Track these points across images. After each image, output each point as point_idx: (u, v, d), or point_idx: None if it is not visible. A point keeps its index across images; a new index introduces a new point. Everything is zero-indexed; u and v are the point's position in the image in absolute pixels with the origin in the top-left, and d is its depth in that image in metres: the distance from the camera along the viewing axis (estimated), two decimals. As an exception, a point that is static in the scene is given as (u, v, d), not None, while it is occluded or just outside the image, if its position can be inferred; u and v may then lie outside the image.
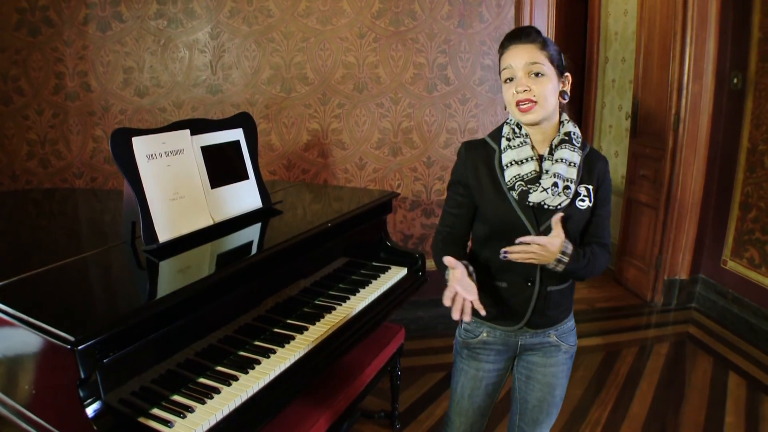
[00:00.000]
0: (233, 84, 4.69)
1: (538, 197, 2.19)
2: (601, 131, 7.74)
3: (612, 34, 7.35)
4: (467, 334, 2.54)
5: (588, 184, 2.27)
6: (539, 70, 2.15)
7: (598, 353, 4.87)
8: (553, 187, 2.18)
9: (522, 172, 2.22)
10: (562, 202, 2.21)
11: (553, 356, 2.47)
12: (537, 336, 2.44)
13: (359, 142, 4.92)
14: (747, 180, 5.17)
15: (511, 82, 2.18)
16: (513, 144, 2.27)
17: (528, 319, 2.38)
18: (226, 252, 2.79)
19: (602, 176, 2.31)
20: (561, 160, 2.21)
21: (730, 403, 4.13)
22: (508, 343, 2.47)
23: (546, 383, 2.49)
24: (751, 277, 5.13)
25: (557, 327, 2.44)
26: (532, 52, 2.15)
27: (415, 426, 3.90)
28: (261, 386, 2.27)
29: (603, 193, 2.32)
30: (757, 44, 4.97)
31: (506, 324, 2.42)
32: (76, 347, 1.76)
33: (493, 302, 2.39)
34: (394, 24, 4.73)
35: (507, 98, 2.21)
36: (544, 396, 2.51)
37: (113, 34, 4.52)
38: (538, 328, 2.42)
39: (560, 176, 2.19)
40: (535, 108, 2.16)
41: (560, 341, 2.45)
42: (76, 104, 4.60)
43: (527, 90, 2.14)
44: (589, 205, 2.26)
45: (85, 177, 4.74)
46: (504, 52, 2.21)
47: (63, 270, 2.43)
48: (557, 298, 2.38)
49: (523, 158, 2.24)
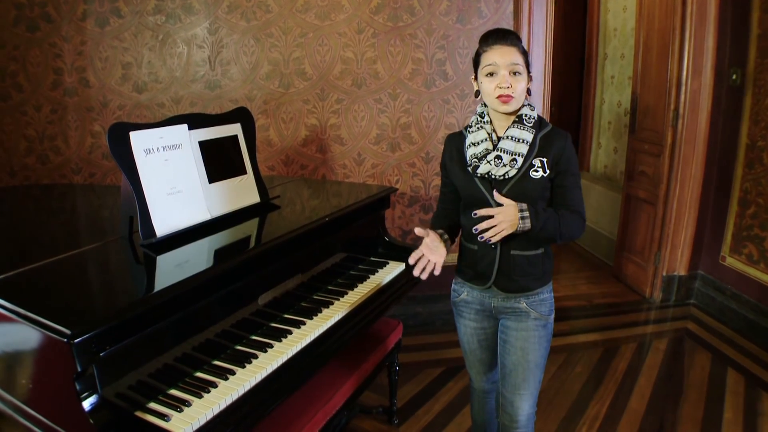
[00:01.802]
0: (231, 79, 4.68)
1: (483, 169, 2.53)
2: (600, 127, 7.75)
3: (611, 30, 7.35)
4: (454, 294, 2.88)
5: (543, 157, 2.54)
6: (518, 70, 2.47)
7: (597, 349, 4.87)
8: (496, 159, 2.50)
9: (476, 151, 2.57)
10: (508, 173, 2.51)
11: (523, 321, 2.68)
12: (508, 300, 2.68)
13: (357, 137, 4.92)
14: (746, 176, 5.17)
15: (493, 77, 2.48)
16: (472, 130, 2.64)
17: (494, 280, 2.65)
18: (223, 247, 2.79)
19: (560, 150, 2.55)
20: (508, 137, 2.53)
21: (728, 398, 4.13)
22: (484, 303, 2.75)
23: (519, 347, 2.69)
24: (750, 273, 5.13)
25: (528, 295, 2.67)
26: (514, 54, 2.46)
27: (414, 421, 3.90)
28: (258, 381, 2.27)
29: (564, 165, 2.56)
30: (756, 40, 4.97)
31: (479, 284, 2.71)
32: (72, 340, 1.75)
33: (468, 263, 2.74)
34: (392, 19, 4.73)
35: (488, 90, 2.51)
36: (518, 360, 2.69)
37: (111, 29, 4.51)
38: (507, 291, 2.67)
39: (506, 151, 2.51)
40: (512, 101, 2.47)
41: (530, 308, 2.67)
42: (75, 100, 4.60)
43: (509, 87, 2.45)
44: (543, 175, 2.52)
45: (84, 173, 4.74)
46: (488, 49, 2.50)
47: (60, 264, 2.43)
48: (522, 263, 2.62)
49: (478, 140, 2.58)
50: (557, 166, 2.55)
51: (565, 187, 2.58)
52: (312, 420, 2.67)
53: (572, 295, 6.08)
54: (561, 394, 4.18)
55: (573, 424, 3.85)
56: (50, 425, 1.89)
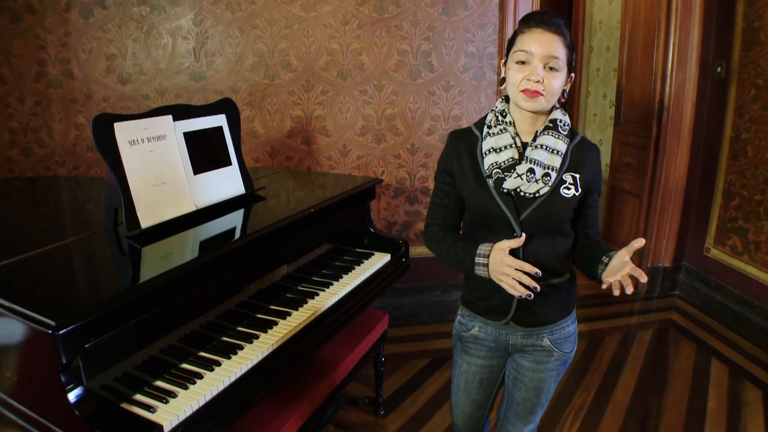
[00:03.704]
0: (217, 71, 4.67)
1: (512, 184, 2.14)
2: (585, 120, 7.77)
3: (597, 23, 7.36)
4: (461, 327, 2.51)
5: (575, 173, 2.20)
6: (556, 65, 2.08)
7: (582, 340, 4.88)
8: (529, 173, 2.12)
9: (499, 159, 2.17)
10: (540, 190, 2.15)
11: (543, 362, 2.39)
12: (528, 338, 2.37)
13: (343, 129, 4.91)
14: (730, 168, 5.20)
15: (523, 65, 2.10)
16: (493, 132, 2.23)
17: (513, 314, 2.31)
18: (208, 238, 2.78)
19: (593, 166, 2.25)
20: (542, 147, 2.16)
21: (712, 388, 4.16)
22: (499, 341, 2.41)
23: (533, 387, 2.44)
24: (734, 264, 5.16)
25: (552, 329, 2.35)
26: (555, 44, 2.08)
27: (399, 412, 3.90)
28: (244, 371, 2.27)
29: (595, 184, 2.28)
30: (740, 33, 4.99)
31: (494, 318, 2.36)
32: (57, 332, 1.75)
33: (480, 295, 2.36)
34: (378, 11, 4.72)
35: (513, 80, 2.12)
36: (529, 396, 2.46)
37: (96, 20, 4.48)
38: (528, 326, 2.34)
39: (539, 163, 2.14)
40: (540, 99, 2.09)
41: (554, 347, 2.37)
42: (59, 92, 4.57)
43: (540, 82, 2.07)
44: (575, 194, 2.19)
45: (68, 165, 4.71)
46: (526, 32, 2.12)
47: (45, 256, 2.41)
48: (546, 293, 2.24)
49: (501, 146, 2.19)
50: (587, 183, 2.24)
51: (592, 208, 2.31)
52: (298, 411, 2.67)
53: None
54: (546, 385, 4.20)
55: (558, 415, 3.86)
56: (36, 418, 1.88)
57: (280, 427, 2.55)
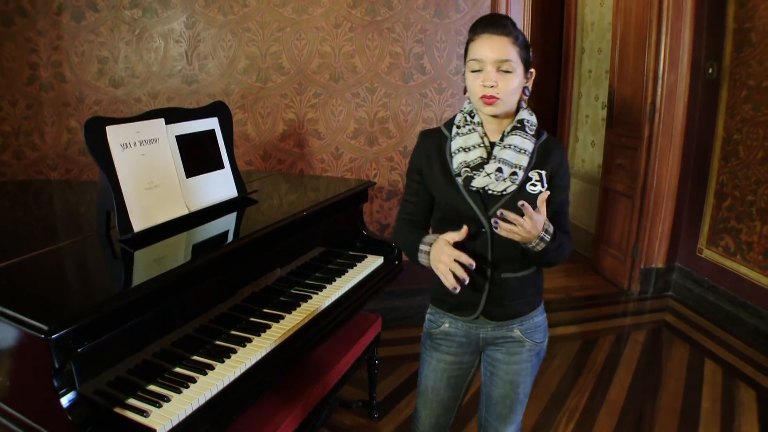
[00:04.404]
0: (209, 74, 4.66)
1: (480, 182, 2.20)
2: (577, 121, 7.77)
3: (588, 24, 7.37)
4: (430, 324, 2.54)
5: (541, 170, 2.25)
6: (508, 68, 2.13)
7: (576, 341, 4.90)
8: (497, 172, 2.18)
9: (468, 158, 2.23)
10: (508, 188, 2.20)
11: (516, 353, 2.43)
12: (499, 329, 2.41)
13: (335, 131, 4.91)
14: (722, 169, 5.21)
15: (478, 72, 2.16)
16: (462, 132, 2.30)
17: (483, 308, 2.35)
18: (201, 241, 2.77)
19: (558, 163, 2.30)
20: (510, 147, 2.22)
21: (706, 389, 4.17)
22: (470, 335, 2.44)
23: (509, 380, 2.46)
24: (727, 265, 5.17)
25: (522, 321, 2.41)
26: (504, 47, 2.13)
27: (393, 415, 3.90)
28: (237, 375, 2.26)
29: (560, 180, 2.31)
30: (731, 34, 5.01)
31: (464, 313, 2.40)
32: (49, 336, 1.74)
33: (450, 291, 2.23)
34: (370, 13, 4.73)
35: (472, 88, 2.19)
36: (507, 392, 2.48)
37: (87, 24, 4.48)
38: (497, 319, 2.38)
39: (507, 162, 2.20)
40: (498, 103, 2.15)
41: (525, 337, 2.42)
42: (51, 95, 4.56)
43: (494, 86, 2.13)
44: (541, 190, 2.21)
45: (60, 169, 4.70)
46: (476, 39, 2.17)
47: (37, 260, 2.41)
48: (514, 286, 2.34)
49: (470, 145, 2.25)
50: (553, 181, 2.28)
51: (559, 204, 2.32)
52: (291, 415, 2.66)
53: (551, 288, 6.09)
54: (540, 386, 4.20)
55: (553, 416, 3.87)
56: (29, 423, 1.88)
57: (274, 431, 2.55)
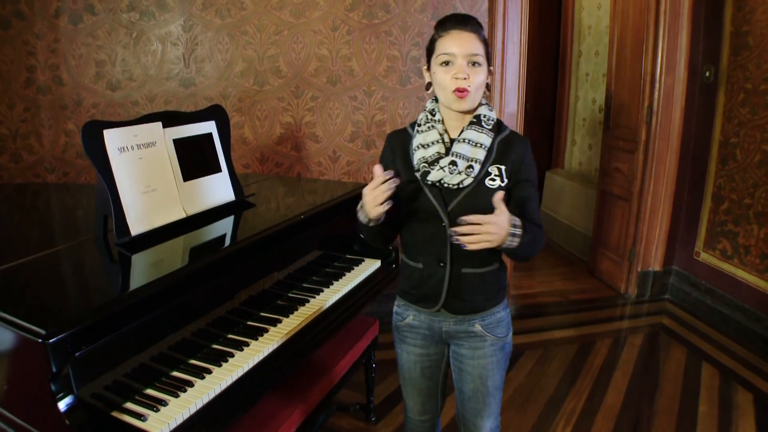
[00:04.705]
0: (206, 77, 4.67)
1: (435, 176, 2.24)
2: (574, 124, 7.79)
3: (585, 27, 7.39)
4: (396, 317, 2.61)
5: (501, 165, 2.29)
6: (478, 61, 2.19)
7: (573, 345, 4.90)
8: (451, 165, 2.22)
9: (426, 154, 2.28)
10: (464, 181, 2.24)
11: (479, 348, 2.46)
12: (461, 324, 2.45)
13: (333, 135, 4.91)
14: (719, 172, 5.21)
15: (448, 66, 2.20)
16: (422, 129, 2.35)
17: (444, 301, 2.40)
18: (198, 245, 2.78)
19: (520, 157, 2.32)
20: (465, 141, 2.26)
21: (703, 392, 4.17)
22: (433, 328, 2.49)
23: (477, 375, 2.49)
24: (724, 268, 5.17)
25: (483, 317, 2.44)
26: (474, 41, 2.20)
27: (391, 418, 3.90)
28: (234, 379, 2.26)
29: (524, 174, 2.33)
30: (729, 38, 5.01)
31: (426, 306, 2.46)
32: (47, 340, 1.74)
33: (413, 284, 2.47)
34: (367, 17, 4.73)
35: (442, 81, 2.22)
36: (476, 387, 2.51)
37: (85, 27, 4.48)
38: (458, 313, 2.42)
39: (462, 156, 2.24)
40: (468, 96, 2.20)
41: (486, 332, 2.44)
42: (48, 98, 4.56)
43: (467, 78, 2.18)
44: (500, 185, 2.27)
45: (58, 172, 4.70)
46: (444, 35, 2.23)
47: (34, 264, 2.41)
48: (474, 281, 2.37)
49: (429, 141, 2.30)
50: (516, 175, 2.30)
51: (524, 198, 2.32)
52: (289, 418, 2.66)
53: (548, 291, 6.10)
54: (537, 390, 4.20)
55: (550, 420, 3.87)
56: (26, 427, 1.88)
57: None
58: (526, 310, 5.66)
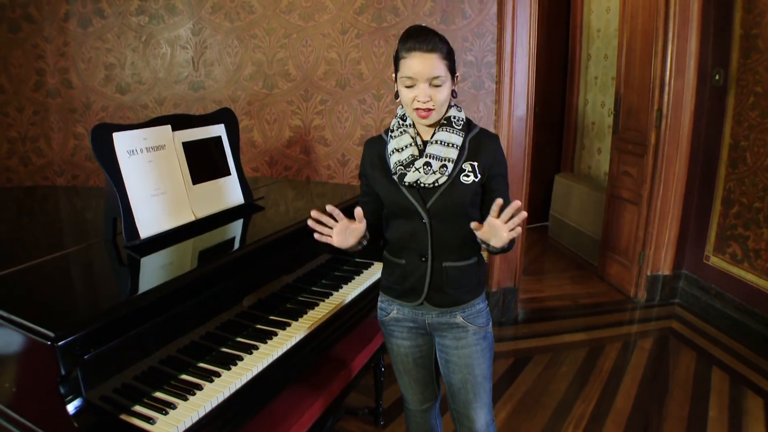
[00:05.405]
0: (215, 80, 4.67)
1: (412, 177, 2.35)
2: (583, 128, 7.77)
3: (594, 31, 7.37)
4: (381, 313, 2.67)
5: (473, 161, 2.39)
6: (439, 82, 2.27)
7: (582, 349, 4.88)
8: (425, 166, 2.33)
9: (401, 157, 2.38)
10: (438, 180, 2.34)
11: (462, 338, 2.54)
12: (443, 316, 2.53)
13: (342, 138, 4.91)
14: (729, 176, 5.19)
15: (411, 88, 2.29)
16: (395, 135, 2.45)
17: (426, 294, 2.48)
18: (208, 248, 2.78)
19: (491, 153, 2.42)
20: (437, 142, 2.36)
21: (713, 397, 4.15)
22: (417, 320, 2.58)
23: (463, 365, 2.56)
24: (734, 272, 5.15)
25: (463, 309, 2.52)
26: (434, 64, 2.25)
27: (400, 422, 3.88)
28: (243, 382, 2.26)
29: (496, 169, 2.43)
30: (738, 41, 4.99)
31: (409, 300, 2.53)
32: (56, 343, 1.74)
33: (396, 279, 2.55)
34: (376, 20, 4.72)
35: (405, 99, 2.32)
36: (464, 377, 2.57)
37: (94, 30, 4.49)
38: (440, 306, 2.51)
39: (435, 156, 2.34)
40: (433, 114, 2.30)
41: (467, 322, 2.53)
42: (57, 101, 4.57)
43: (429, 101, 2.27)
44: (474, 180, 2.37)
45: (67, 175, 4.71)
46: (407, 56, 2.29)
47: (43, 267, 2.41)
48: (455, 275, 2.47)
49: (402, 145, 2.40)
50: (489, 170, 2.41)
51: (498, 191, 2.42)
52: (298, 422, 2.65)
53: (557, 295, 6.09)
54: (547, 394, 4.19)
55: (559, 424, 3.85)
56: (35, 429, 1.87)
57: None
58: (535, 314, 5.64)
